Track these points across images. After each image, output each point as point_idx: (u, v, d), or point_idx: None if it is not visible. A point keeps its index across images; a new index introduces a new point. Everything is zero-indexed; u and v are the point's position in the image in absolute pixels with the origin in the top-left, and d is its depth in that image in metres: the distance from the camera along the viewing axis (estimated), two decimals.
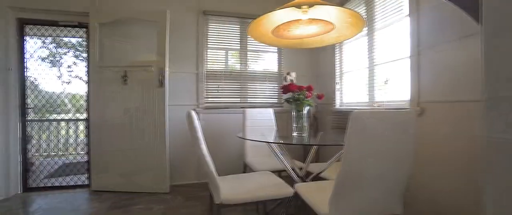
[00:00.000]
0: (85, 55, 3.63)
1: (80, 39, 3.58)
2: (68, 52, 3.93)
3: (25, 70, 3.09)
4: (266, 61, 3.69)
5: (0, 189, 2.79)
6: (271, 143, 1.88)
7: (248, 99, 3.57)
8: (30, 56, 3.19)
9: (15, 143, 2.98)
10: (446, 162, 1.86)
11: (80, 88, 3.79)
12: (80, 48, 4.05)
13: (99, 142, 3.02)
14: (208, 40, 3.43)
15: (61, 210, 2.52)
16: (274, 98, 3.65)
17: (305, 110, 2.07)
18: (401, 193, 1.39)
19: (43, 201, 2.77)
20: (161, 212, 2.42)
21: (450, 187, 1.83)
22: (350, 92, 3.17)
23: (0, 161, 2.82)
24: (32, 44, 3.23)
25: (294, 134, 2.08)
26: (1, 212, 2.50)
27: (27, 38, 3.13)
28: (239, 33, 3.55)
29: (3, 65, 2.85)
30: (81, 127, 4.23)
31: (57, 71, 3.68)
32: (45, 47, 3.61)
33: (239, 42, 3.56)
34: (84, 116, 3.29)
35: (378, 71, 2.63)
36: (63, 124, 4.19)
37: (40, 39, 3.41)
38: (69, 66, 3.84)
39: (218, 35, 3.48)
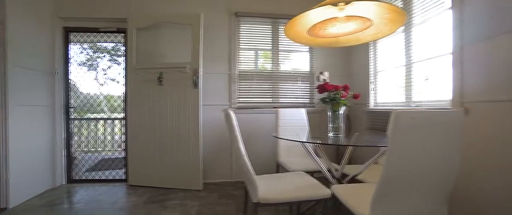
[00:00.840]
0: (119, 59, 3.88)
1: (115, 44, 3.83)
2: (104, 56, 4.16)
3: (69, 73, 3.38)
4: (298, 61, 3.65)
5: (48, 180, 3.11)
6: (311, 143, 1.85)
7: (280, 99, 3.55)
8: (74, 61, 3.50)
9: (61, 139, 3.28)
10: (493, 163, 1.74)
11: (114, 90, 4.00)
12: (118, 52, 4.25)
13: (135, 139, 3.17)
14: (240, 41, 3.47)
15: (101, 202, 2.68)
16: (305, 98, 3.61)
17: (342, 110, 2.02)
18: (446, 197, 1.32)
19: (85, 192, 2.98)
20: (196, 209, 2.48)
21: (496, 188, 1.71)
22: (385, 92, 3.06)
23: (49, 155, 3.12)
24: (76, 50, 3.53)
25: (330, 134, 2.03)
26: (51, 199, 2.76)
27: (71, 45, 3.42)
28: (270, 33, 3.56)
29: (50, 69, 3.16)
30: (119, 125, 4.49)
31: (93, 74, 3.91)
32: (85, 52, 3.86)
33: (270, 42, 3.56)
34: (122, 115, 3.47)
35: (415, 69, 2.51)
36: (101, 122, 4.45)
37: (82, 45, 3.66)
38: (104, 70, 4.06)
39: (250, 36, 3.51)
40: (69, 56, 3.37)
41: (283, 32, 3.46)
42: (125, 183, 3.27)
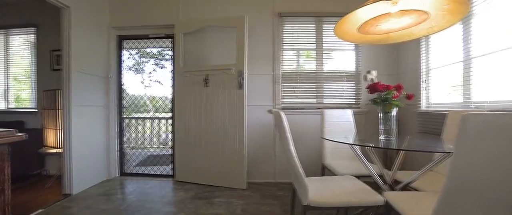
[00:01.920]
0: (166, 62, 4.18)
1: (161, 49, 4.12)
2: (153, 61, 4.48)
3: (121, 77, 3.71)
4: (343, 60, 3.51)
5: (104, 172, 3.48)
6: (364, 146, 1.76)
7: (324, 100, 3.46)
8: (126, 65, 3.85)
9: (114, 136, 3.61)
10: None
11: (160, 91, 4.29)
12: (166, 56, 4.50)
13: (182, 138, 3.33)
14: (283, 42, 3.46)
15: (151, 194, 2.88)
16: (351, 98, 3.46)
17: (394, 111, 1.91)
18: None
19: (136, 185, 3.24)
20: (241, 207, 2.52)
21: None
22: (438, 91, 2.83)
23: (104, 150, 3.49)
24: (128, 55, 3.88)
25: (381, 137, 1.93)
26: (107, 189, 3.08)
27: (124, 51, 3.75)
28: (314, 32, 3.48)
29: (106, 73, 3.52)
30: (165, 124, 4.77)
31: (140, 77, 4.23)
32: (132, 57, 4.18)
33: (314, 42, 3.48)
34: (169, 115, 3.68)
35: (475, 65, 2.26)
36: (149, 121, 4.76)
37: (133, 51, 3.97)
38: (150, 73, 4.36)
39: (293, 36, 3.48)
40: (122, 62, 3.69)
41: (328, 30, 3.40)
42: (172, 179, 3.45)
